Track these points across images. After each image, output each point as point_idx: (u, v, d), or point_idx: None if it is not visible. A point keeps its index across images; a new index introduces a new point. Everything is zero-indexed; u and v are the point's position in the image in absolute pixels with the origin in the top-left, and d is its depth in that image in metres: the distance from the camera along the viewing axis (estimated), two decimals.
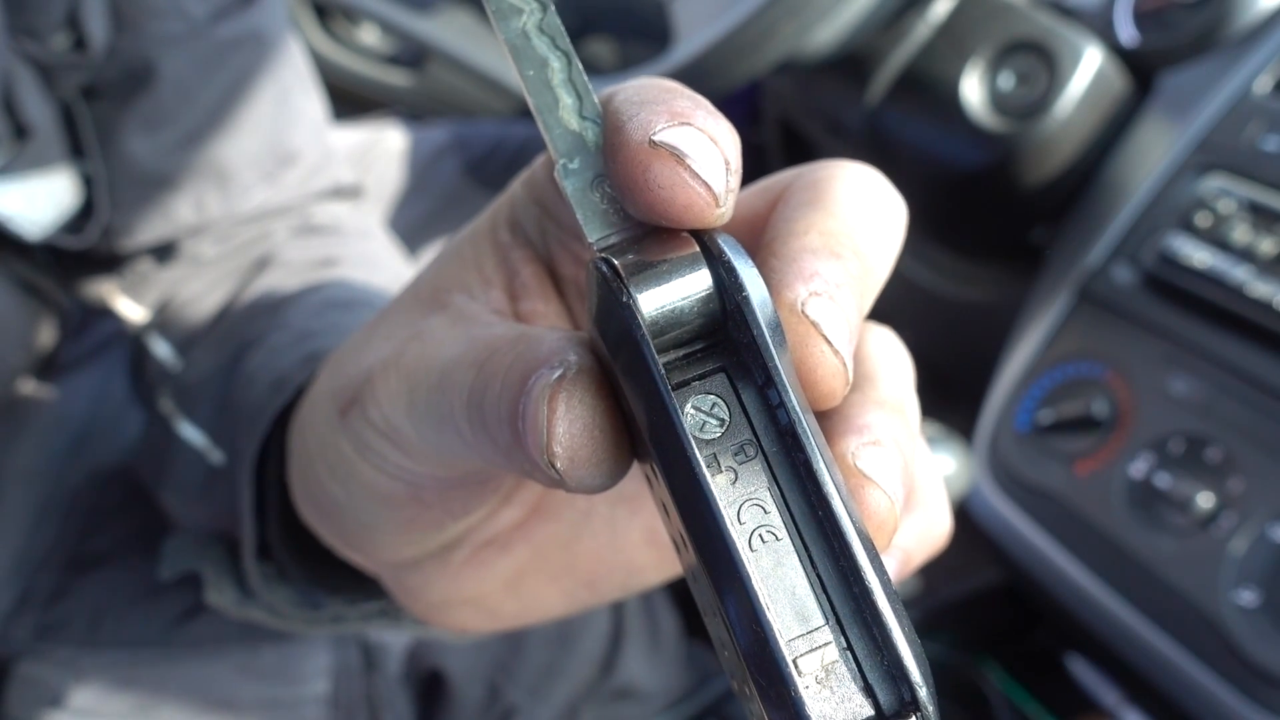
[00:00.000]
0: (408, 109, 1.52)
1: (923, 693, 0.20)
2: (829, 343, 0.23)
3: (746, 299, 0.21)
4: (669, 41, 0.85)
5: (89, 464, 0.69)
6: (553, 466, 0.23)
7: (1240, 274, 0.66)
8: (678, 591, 0.83)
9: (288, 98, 0.66)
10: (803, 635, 0.21)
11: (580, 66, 0.24)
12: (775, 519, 0.21)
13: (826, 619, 0.21)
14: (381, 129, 1.23)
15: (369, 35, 1.62)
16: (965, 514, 0.75)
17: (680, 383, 0.22)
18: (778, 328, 0.22)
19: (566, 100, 0.24)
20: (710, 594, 0.21)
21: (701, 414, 0.22)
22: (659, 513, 0.24)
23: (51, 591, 0.63)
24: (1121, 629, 0.66)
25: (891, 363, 0.28)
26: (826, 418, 0.25)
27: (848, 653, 0.21)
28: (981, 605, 0.88)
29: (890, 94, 0.88)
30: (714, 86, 0.78)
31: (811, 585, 0.21)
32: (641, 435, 0.22)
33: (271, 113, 0.64)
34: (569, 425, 0.22)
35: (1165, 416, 0.68)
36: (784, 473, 0.22)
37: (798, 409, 0.21)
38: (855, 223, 0.25)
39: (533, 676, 0.70)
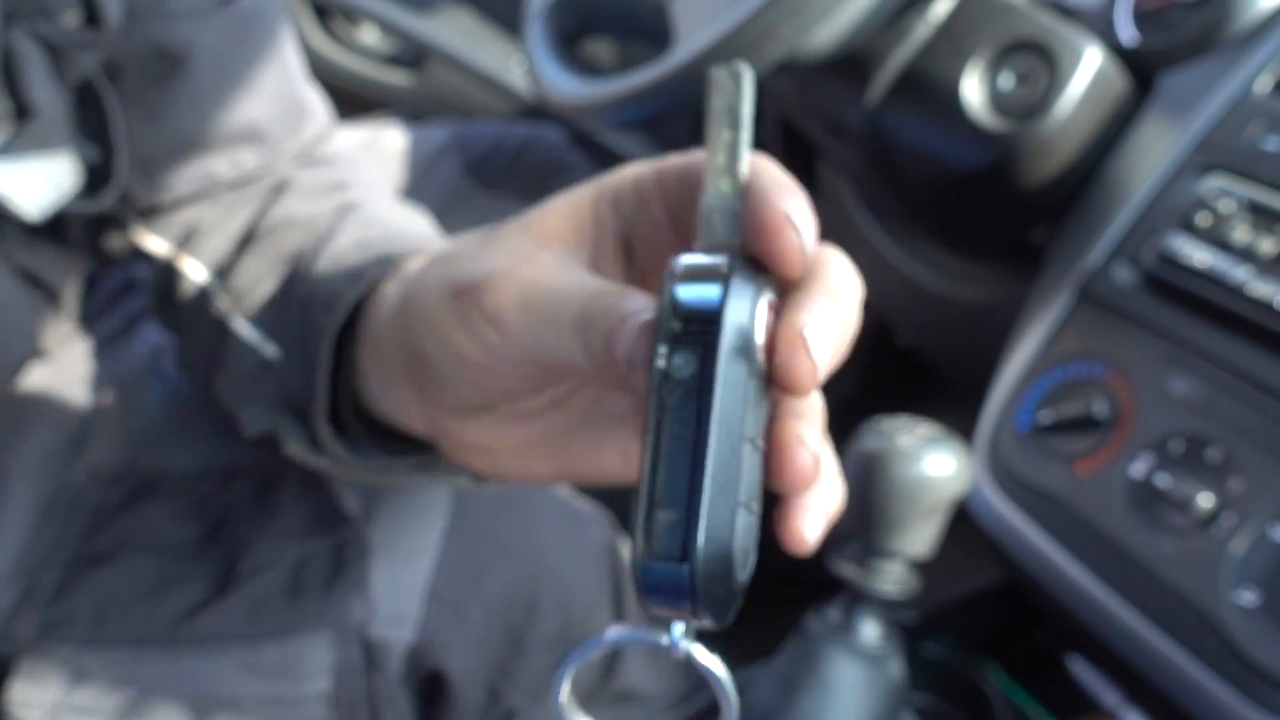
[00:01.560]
0: (408, 109, 1.52)
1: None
2: (811, 357, 0.32)
3: (725, 306, 0.31)
4: (669, 41, 0.85)
5: (90, 462, 0.69)
6: (623, 369, 0.33)
7: (1241, 274, 0.66)
8: None
9: (293, 55, 0.70)
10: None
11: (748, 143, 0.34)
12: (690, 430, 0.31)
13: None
14: (382, 128, 1.23)
15: (369, 35, 1.62)
16: (965, 514, 0.75)
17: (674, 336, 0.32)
18: (742, 334, 0.31)
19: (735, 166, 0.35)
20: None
21: (675, 363, 0.31)
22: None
23: (55, 589, 0.64)
24: (1122, 629, 0.66)
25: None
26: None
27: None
28: (981, 606, 0.88)
29: (890, 94, 0.88)
30: None
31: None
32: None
33: (288, 72, 0.69)
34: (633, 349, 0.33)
35: (1165, 416, 0.68)
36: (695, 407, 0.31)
37: (720, 376, 0.30)
38: (852, 296, 0.35)
39: (533, 680, 0.70)
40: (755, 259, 0.33)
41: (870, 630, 0.65)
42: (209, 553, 0.66)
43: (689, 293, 0.31)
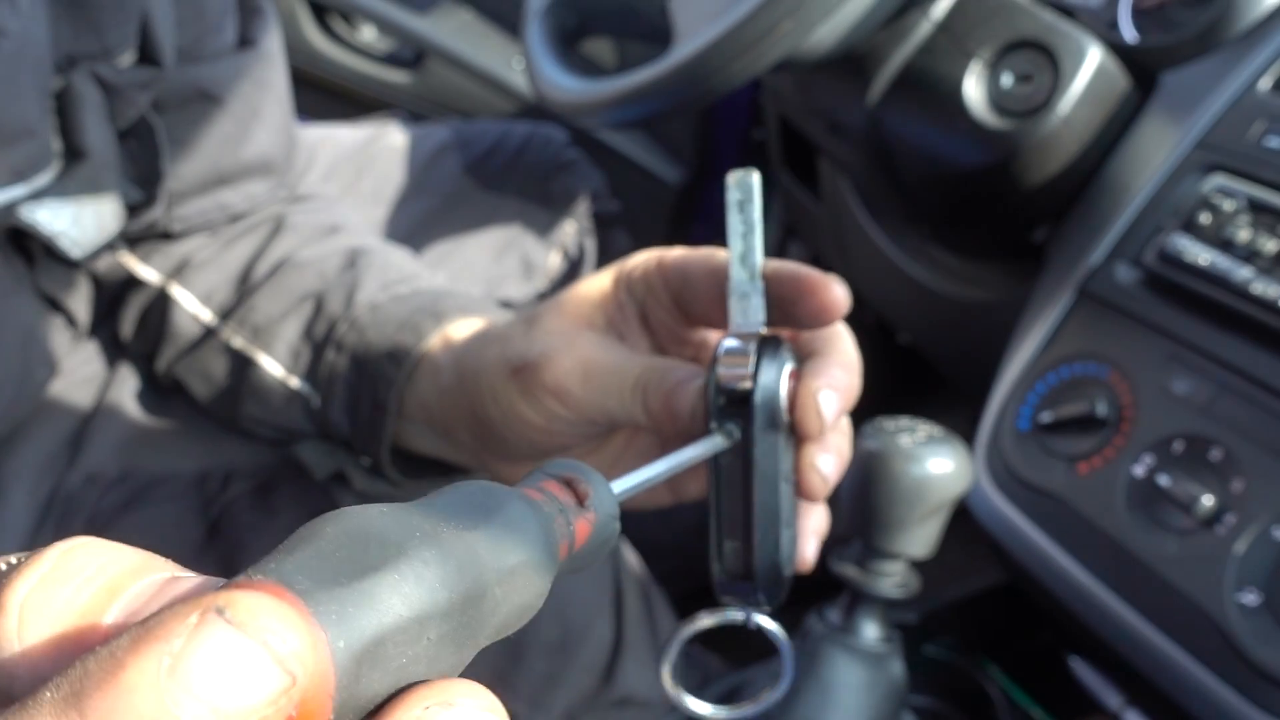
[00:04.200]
0: (407, 108, 1.52)
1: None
2: (821, 415, 0.42)
3: (756, 390, 0.41)
4: (669, 41, 0.85)
5: (88, 465, 0.69)
6: (675, 425, 0.44)
7: (1243, 273, 0.66)
8: (678, 600, 0.83)
9: (288, 87, 0.74)
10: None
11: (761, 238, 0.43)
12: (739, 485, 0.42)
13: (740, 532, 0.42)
14: (382, 127, 1.23)
15: (367, 34, 1.62)
16: (966, 514, 0.74)
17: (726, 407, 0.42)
18: (770, 409, 0.41)
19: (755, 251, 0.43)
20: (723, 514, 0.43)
21: (728, 428, 0.41)
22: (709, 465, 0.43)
23: None
24: (1123, 630, 0.66)
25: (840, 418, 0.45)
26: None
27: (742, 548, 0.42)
28: (983, 606, 0.88)
29: (891, 92, 0.87)
30: (713, 85, 0.78)
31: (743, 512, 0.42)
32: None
33: (286, 104, 0.74)
34: (693, 406, 0.43)
35: (1167, 416, 0.67)
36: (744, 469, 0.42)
37: (757, 445, 0.41)
38: (855, 362, 0.45)
39: (532, 687, 0.70)
40: (776, 335, 0.43)
41: (871, 631, 0.64)
42: (208, 554, 0.66)
43: (728, 377, 0.41)
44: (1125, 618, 0.66)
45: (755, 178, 0.41)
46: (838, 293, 0.42)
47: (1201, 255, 0.68)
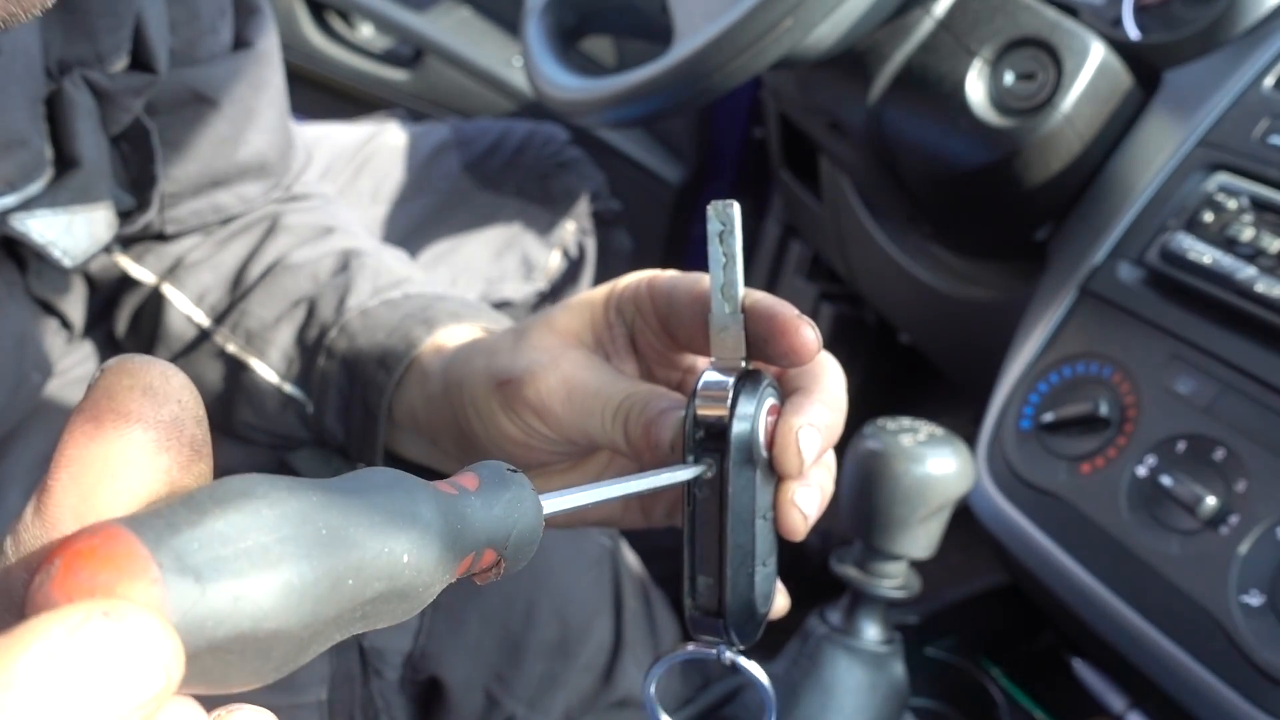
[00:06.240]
0: (406, 106, 1.51)
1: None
2: (800, 453, 0.40)
3: (732, 428, 0.40)
4: (668, 39, 0.84)
5: None
6: (655, 455, 0.43)
7: (1246, 272, 0.66)
8: (678, 602, 0.83)
9: (284, 87, 0.74)
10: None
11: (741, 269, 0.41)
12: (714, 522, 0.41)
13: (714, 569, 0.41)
14: (381, 125, 1.22)
15: (365, 31, 1.61)
16: (968, 514, 0.74)
17: (702, 442, 0.41)
18: (745, 445, 0.40)
19: (734, 282, 0.41)
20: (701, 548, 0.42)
21: (705, 462, 0.41)
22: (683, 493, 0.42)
23: None
24: (1125, 631, 0.65)
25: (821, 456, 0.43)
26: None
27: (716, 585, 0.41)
28: (985, 607, 0.88)
29: (892, 90, 0.87)
30: (714, 84, 0.78)
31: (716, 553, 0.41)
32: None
33: (282, 105, 0.73)
34: (674, 438, 0.43)
35: (1170, 416, 0.67)
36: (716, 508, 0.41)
37: (731, 482, 0.40)
38: (840, 399, 0.43)
39: (531, 688, 0.69)
40: (759, 369, 0.42)
41: (872, 632, 0.64)
42: None
43: (705, 412, 0.40)
44: (1128, 619, 0.65)
45: (735, 209, 0.40)
46: (807, 335, 0.40)
47: (1205, 254, 0.68)
